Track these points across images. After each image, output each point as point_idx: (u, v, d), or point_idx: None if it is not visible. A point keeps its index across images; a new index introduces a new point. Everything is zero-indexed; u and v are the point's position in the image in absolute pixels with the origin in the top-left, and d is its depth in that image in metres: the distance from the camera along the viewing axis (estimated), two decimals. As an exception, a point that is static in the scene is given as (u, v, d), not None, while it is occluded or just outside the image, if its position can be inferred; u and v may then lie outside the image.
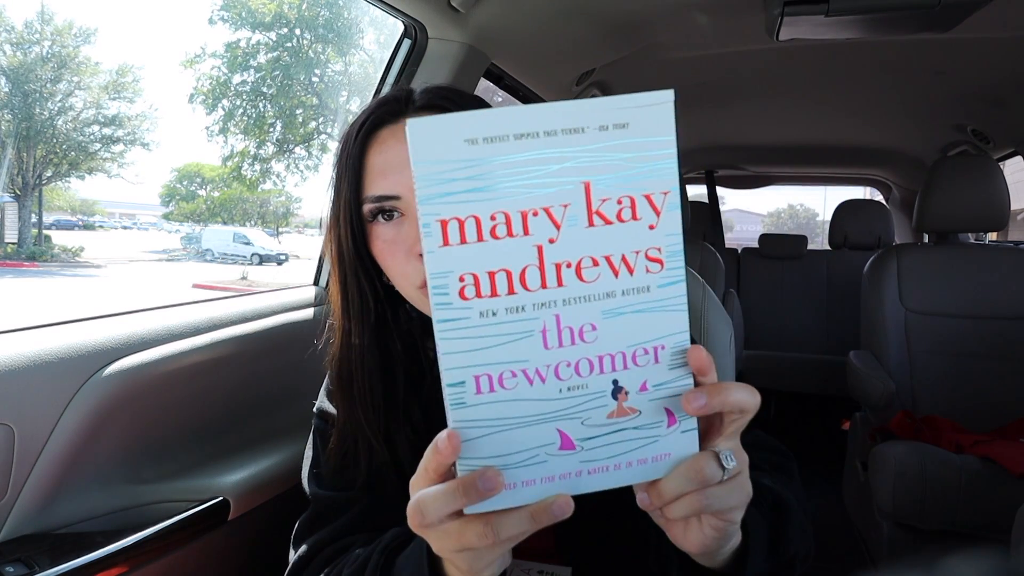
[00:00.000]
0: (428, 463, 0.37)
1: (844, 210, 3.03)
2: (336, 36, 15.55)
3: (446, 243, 0.34)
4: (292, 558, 0.65)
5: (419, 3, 1.15)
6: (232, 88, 15.84)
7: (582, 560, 0.63)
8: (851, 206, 3.04)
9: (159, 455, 0.88)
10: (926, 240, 2.60)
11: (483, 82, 1.45)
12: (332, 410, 0.68)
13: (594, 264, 0.35)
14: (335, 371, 0.65)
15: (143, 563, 0.77)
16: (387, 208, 0.59)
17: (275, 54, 15.61)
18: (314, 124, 15.90)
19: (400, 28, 1.28)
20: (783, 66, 1.89)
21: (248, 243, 17.05)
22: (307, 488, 0.69)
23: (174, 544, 0.81)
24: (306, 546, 0.64)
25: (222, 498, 0.87)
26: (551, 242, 0.35)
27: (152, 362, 0.84)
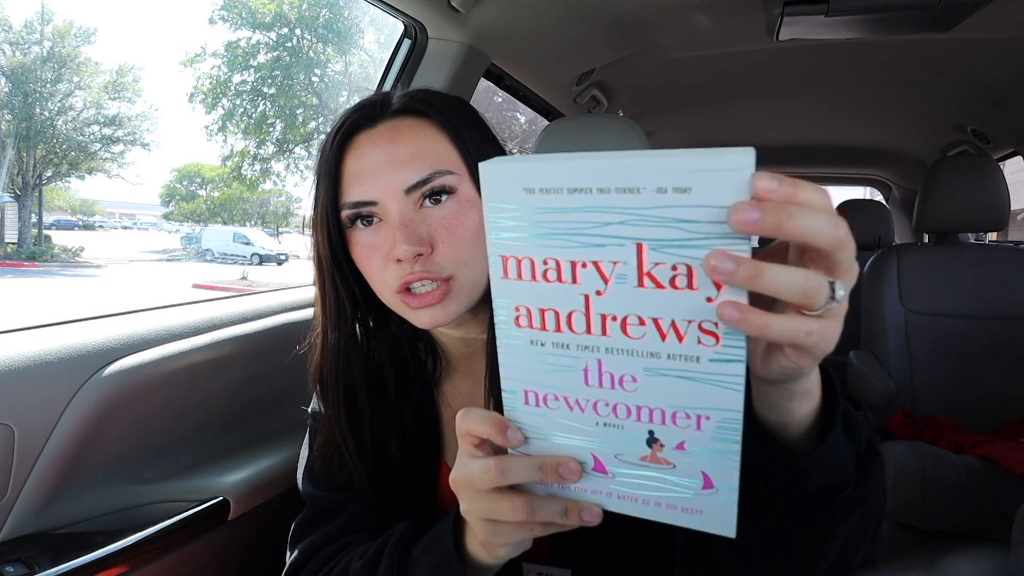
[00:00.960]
0: (475, 435, 0.42)
1: (844, 210, 3.03)
2: (336, 36, 15.54)
3: (506, 276, 0.36)
4: (289, 559, 0.65)
5: (419, 3, 1.15)
6: (232, 88, 15.85)
7: (580, 563, 0.63)
8: (851, 206, 3.03)
9: (159, 455, 0.88)
10: (926, 240, 2.60)
11: (483, 82, 1.45)
12: None
13: (640, 323, 0.34)
14: (315, 376, 0.65)
15: (143, 563, 0.77)
16: (365, 214, 0.58)
17: (275, 54, 15.62)
18: (314, 124, 15.91)
19: (400, 28, 1.28)
20: (783, 66, 1.89)
21: (248, 243, 17.05)
22: (303, 489, 0.69)
23: (174, 544, 0.81)
24: (303, 547, 0.64)
25: (222, 498, 0.87)
26: (599, 294, 0.34)
27: (152, 362, 0.84)
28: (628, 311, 0.34)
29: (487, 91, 1.61)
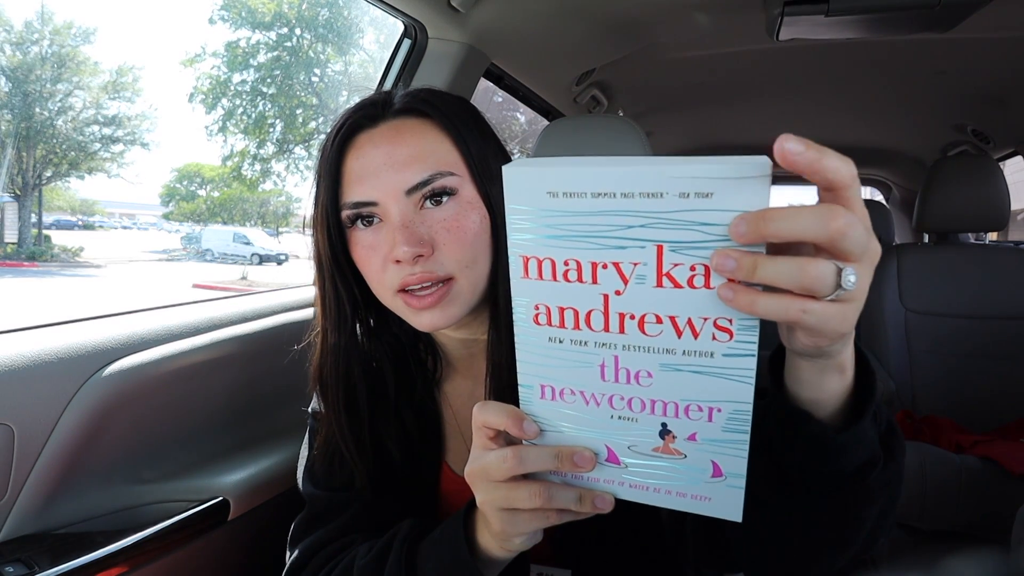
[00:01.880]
0: (490, 428, 0.43)
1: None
2: (336, 36, 15.54)
3: (526, 276, 0.37)
4: (289, 559, 0.65)
5: (419, 3, 1.15)
6: (232, 88, 15.85)
7: (581, 563, 0.63)
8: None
9: (159, 455, 0.88)
10: (926, 240, 2.60)
11: (483, 82, 1.45)
12: None
13: (657, 321, 0.35)
14: (315, 376, 0.65)
15: (143, 563, 0.77)
16: (365, 214, 0.58)
17: (275, 54, 15.61)
18: (314, 124, 15.90)
19: (400, 28, 1.28)
20: (783, 66, 1.89)
21: (248, 243, 17.05)
22: (303, 488, 0.69)
23: (174, 544, 0.81)
24: (304, 546, 0.64)
25: (222, 498, 0.87)
26: (617, 294, 0.35)
27: (152, 362, 0.83)
28: (646, 309, 0.35)
29: (487, 91, 1.61)
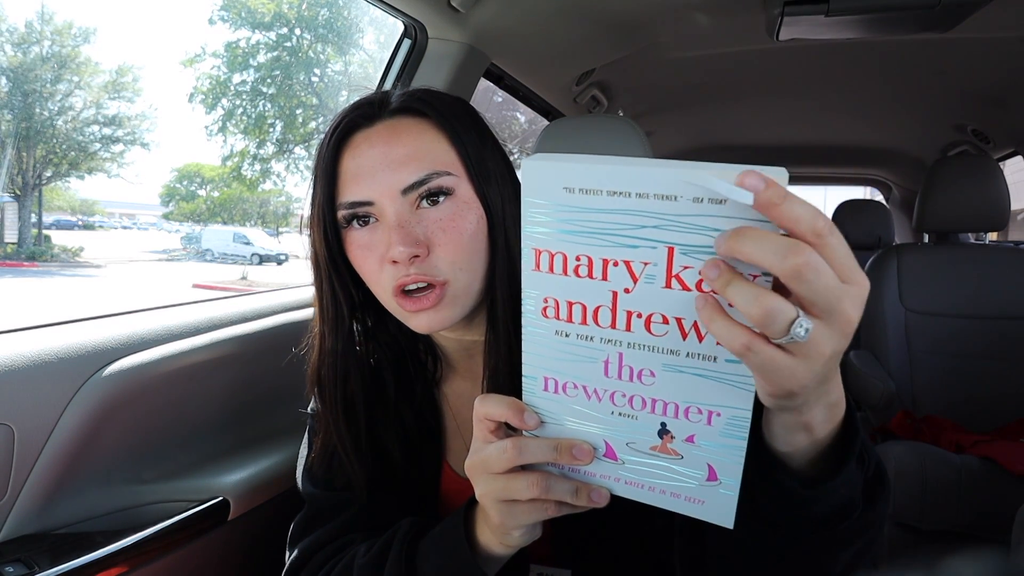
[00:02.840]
0: (492, 420, 0.44)
1: (844, 210, 3.03)
2: (336, 36, 15.54)
3: (537, 268, 0.38)
4: (288, 559, 0.65)
5: (419, 3, 1.15)
6: (232, 88, 15.84)
7: (580, 563, 0.63)
8: (851, 206, 3.03)
9: (159, 455, 0.88)
10: (926, 240, 2.60)
11: (483, 82, 1.45)
12: None
13: (664, 321, 0.36)
14: (312, 378, 0.65)
15: (143, 563, 0.76)
16: (361, 214, 0.58)
17: (275, 54, 15.61)
18: (314, 124, 15.89)
19: (400, 28, 1.28)
20: (783, 66, 1.89)
21: (248, 243, 17.04)
22: (302, 488, 0.69)
23: (174, 544, 0.81)
24: (303, 546, 0.64)
25: (222, 498, 0.87)
26: (626, 291, 0.36)
27: (152, 362, 0.83)
28: (653, 309, 0.35)
29: (487, 91, 1.61)
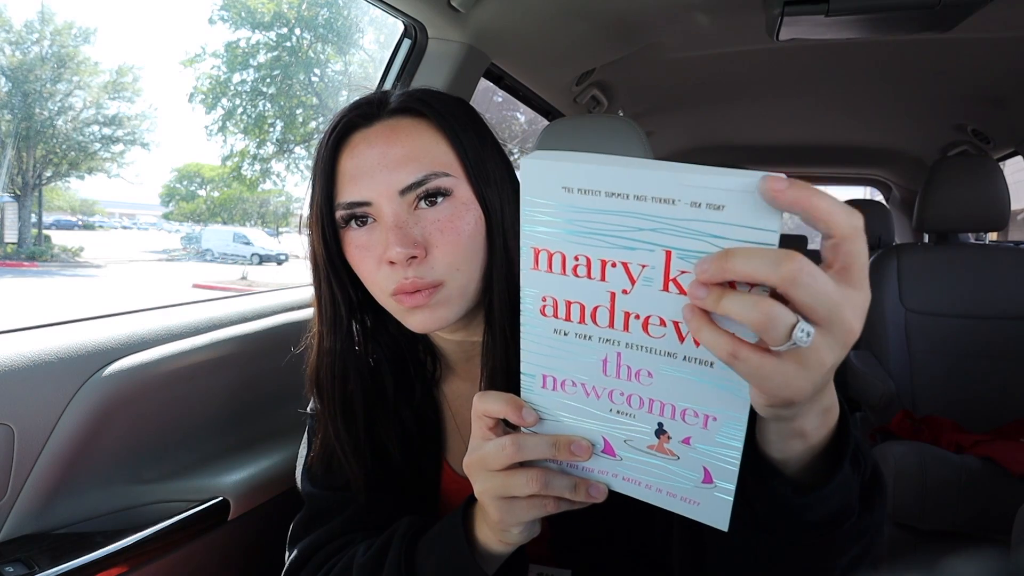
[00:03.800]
0: (490, 417, 0.44)
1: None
2: (336, 36, 15.53)
3: (535, 267, 0.38)
4: (288, 559, 0.65)
5: (419, 3, 1.15)
6: (232, 88, 15.84)
7: (580, 563, 0.63)
8: (851, 206, 3.03)
9: (159, 455, 0.88)
10: (926, 240, 2.60)
11: (483, 82, 1.45)
12: None
13: (661, 324, 0.35)
14: (311, 378, 0.65)
15: (143, 563, 0.77)
16: (359, 214, 0.58)
17: (275, 54, 15.60)
18: (314, 124, 15.88)
19: (400, 28, 1.28)
20: (783, 66, 1.89)
21: (248, 243, 17.03)
22: (302, 487, 0.69)
23: (174, 544, 0.81)
24: (303, 546, 0.64)
25: (222, 498, 0.87)
26: (624, 292, 0.36)
27: (152, 362, 0.83)
28: (651, 311, 0.35)
29: (487, 91, 1.61)
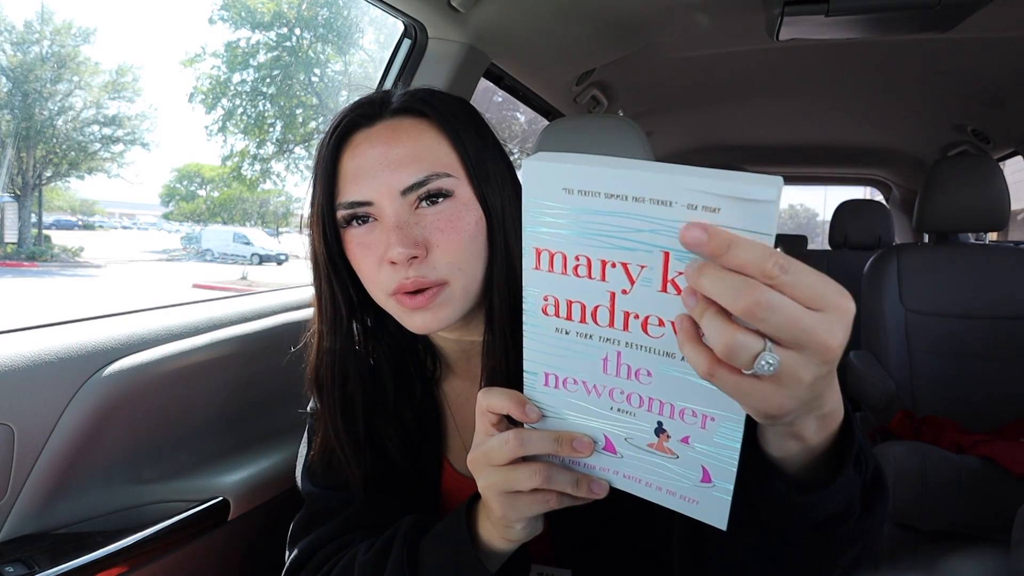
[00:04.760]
0: (493, 413, 0.45)
1: (844, 210, 3.03)
2: (336, 36, 15.53)
3: (537, 267, 0.38)
4: (288, 558, 0.65)
5: (419, 3, 1.15)
6: (232, 87, 15.83)
7: (580, 563, 0.63)
8: (851, 206, 3.03)
9: (159, 455, 0.88)
10: (926, 240, 2.60)
11: (483, 82, 1.45)
12: None
13: (660, 324, 0.36)
14: (311, 377, 0.65)
15: (143, 563, 0.76)
16: (360, 214, 0.58)
17: (275, 54, 15.60)
18: (314, 124, 15.88)
19: (400, 28, 1.28)
20: (783, 66, 1.89)
21: (248, 243, 17.03)
22: (302, 487, 0.69)
23: (174, 544, 0.81)
24: (303, 545, 0.64)
25: (222, 498, 0.87)
26: (624, 292, 0.36)
27: (152, 362, 0.83)
28: (650, 312, 0.36)
29: (487, 91, 1.61)
